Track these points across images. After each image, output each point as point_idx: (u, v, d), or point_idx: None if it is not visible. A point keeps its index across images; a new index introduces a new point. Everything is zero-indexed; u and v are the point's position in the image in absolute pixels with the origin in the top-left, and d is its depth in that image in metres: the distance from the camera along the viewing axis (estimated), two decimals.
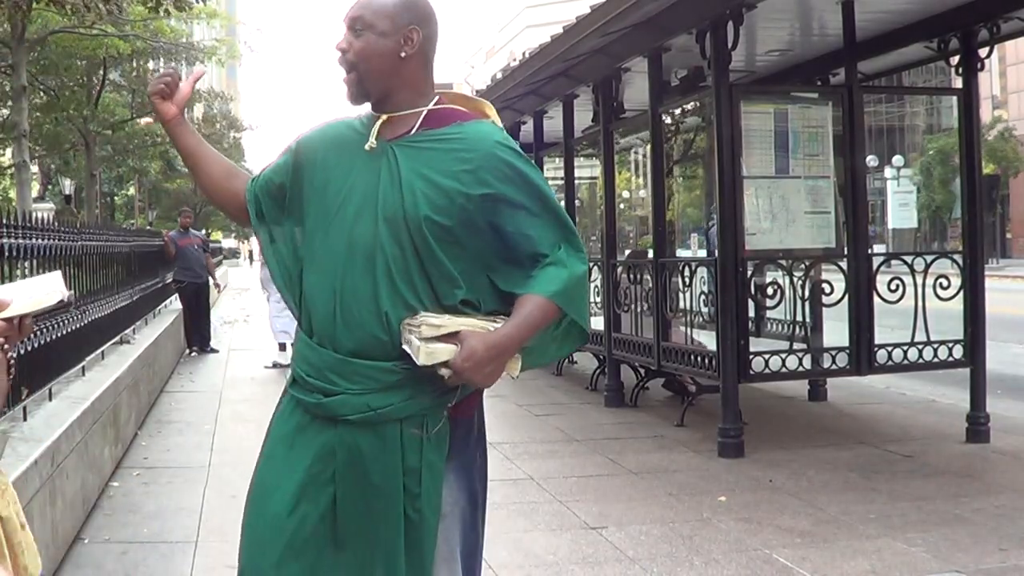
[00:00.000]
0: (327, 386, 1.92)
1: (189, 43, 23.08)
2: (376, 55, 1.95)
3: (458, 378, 1.84)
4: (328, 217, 1.98)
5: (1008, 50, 43.14)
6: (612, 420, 7.13)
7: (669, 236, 7.31)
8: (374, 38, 1.95)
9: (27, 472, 3.39)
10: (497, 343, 1.85)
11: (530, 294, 1.92)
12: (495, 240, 1.95)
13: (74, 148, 24.42)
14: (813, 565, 3.88)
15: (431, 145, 1.96)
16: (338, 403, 1.91)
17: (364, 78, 1.97)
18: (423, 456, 1.93)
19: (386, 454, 1.92)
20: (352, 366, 1.91)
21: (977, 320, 6.25)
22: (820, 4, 6.08)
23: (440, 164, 1.93)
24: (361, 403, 1.90)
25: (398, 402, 1.90)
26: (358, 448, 1.92)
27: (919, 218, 39.74)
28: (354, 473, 1.93)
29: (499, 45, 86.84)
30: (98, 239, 6.57)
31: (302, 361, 2.00)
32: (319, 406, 1.94)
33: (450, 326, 1.84)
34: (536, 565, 3.94)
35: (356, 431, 1.92)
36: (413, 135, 1.98)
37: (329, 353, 1.93)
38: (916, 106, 46.71)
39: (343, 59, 1.97)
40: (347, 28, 1.97)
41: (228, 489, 5.08)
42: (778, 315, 6.89)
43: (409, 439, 1.92)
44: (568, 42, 6.87)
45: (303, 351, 2.01)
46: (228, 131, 42.00)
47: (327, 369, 1.93)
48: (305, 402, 1.97)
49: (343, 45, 1.96)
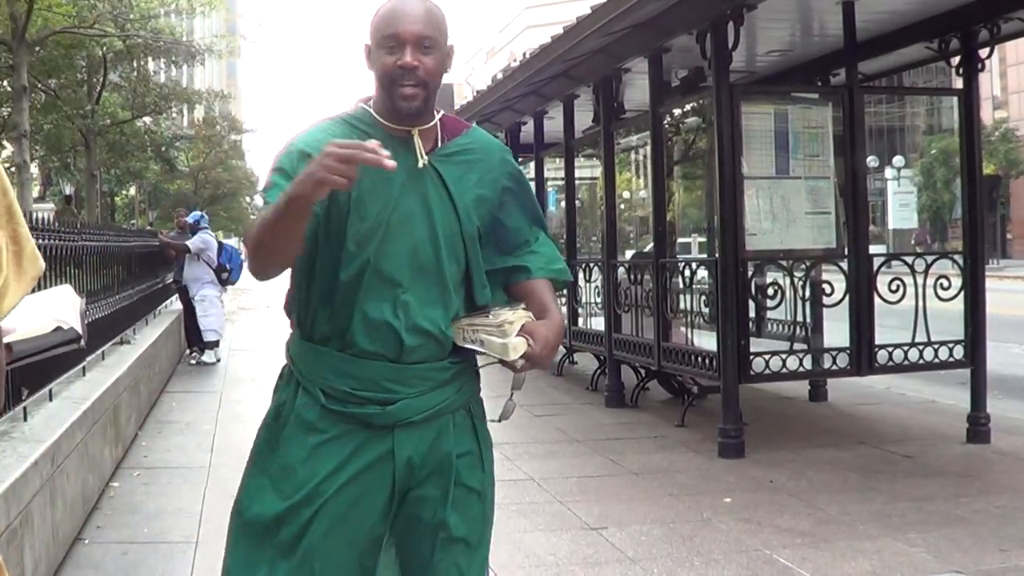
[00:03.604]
0: (384, 395, 1.95)
1: (189, 41, 23.09)
2: (439, 73, 1.97)
3: (531, 365, 1.93)
4: (376, 233, 1.93)
5: (1008, 51, 43.10)
6: (613, 420, 7.13)
7: (670, 236, 7.31)
8: (440, 56, 1.96)
9: (27, 472, 3.39)
10: (559, 327, 1.99)
11: (542, 278, 2.10)
12: (495, 235, 2.09)
13: (74, 149, 24.44)
14: (813, 565, 3.87)
15: (463, 157, 2.04)
16: (401, 408, 1.96)
17: (430, 96, 1.97)
18: (478, 434, 2.08)
19: (443, 445, 2.01)
20: (411, 371, 1.96)
21: (977, 320, 6.25)
22: (820, 5, 6.08)
23: (475, 175, 2.05)
24: (423, 404, 1.97)
25: (452, 395, 2.02)
26: (416, 447, 1.99)
27: (920, 219, 39.75)
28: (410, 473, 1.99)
29: (499, 46, 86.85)
30: (98, 239, 6.57)
31: (340, 376, 1.95)
32: (380, 415, 1.95)
33: (517, 321, 1.94)
34: (536, 565, 3.94)
35: (416, 431, 1.98)
36: (442, 147, 2.03)
37: (384, 364, 1.95)
38: (916, 107, 46.67)
39: (412, 75, 1.92)
40: (412, 45, 1.91)
41: (228, 489, 5.06)
42: (778, 315, 6.89)
43: (460, 427, 2.04)
44: (568, 42, 6.88)
45: (340, 366, 1.96)
46: (228, 133, 42.03)
47: (383, 379, 1.95)
48: (356, 415, 1.96)
49: (414, 63, 1.91)
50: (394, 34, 1.92)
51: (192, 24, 27.34)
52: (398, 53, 1.92)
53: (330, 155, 1.69)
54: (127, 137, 25.08)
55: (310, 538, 1.93)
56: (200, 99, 28.38)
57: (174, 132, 31.52)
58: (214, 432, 6.79)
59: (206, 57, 22.91)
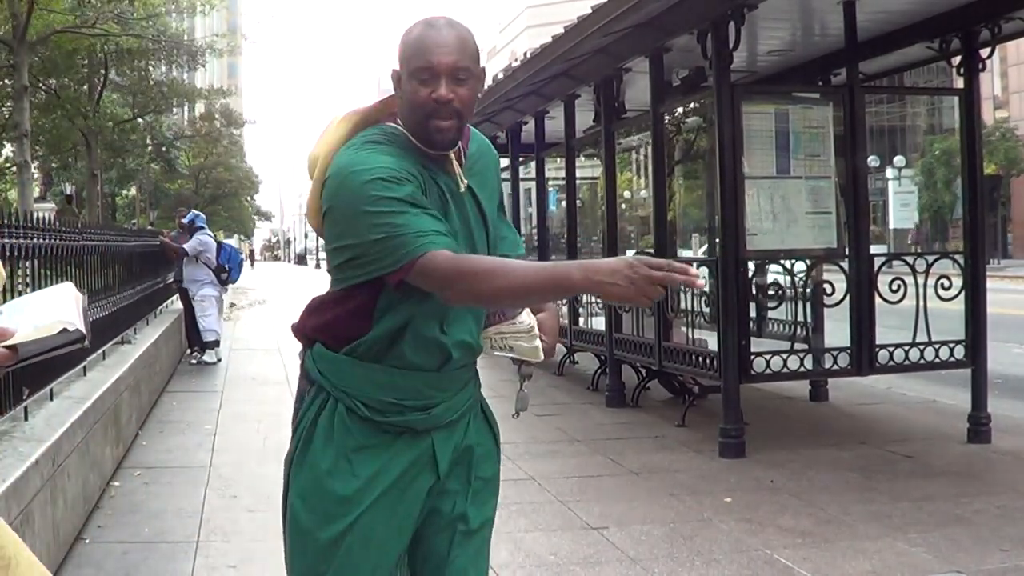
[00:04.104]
0: (427, 402, 2.00)
1: (190, 41, 23.09)
2: (473, 101, 1.94)
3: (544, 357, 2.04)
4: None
5: (1009, 50, 43.09)
6: (613, 420, 7.13)
7: (670, 236, 7.31)
8: (475, 84, 1.93)
9: (28, 472, 3.39)
10: (556, 314, 2.11)
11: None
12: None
13: (75, 148, 24.44)
14: (814, 565, 3.87)
15: (478, 168, 2.07)
16: (442, 410, 2.02)
17: (464, 125, 1.95)
18: (492, 427, 2.17)
19: (467, 439, 2.09)
20: (446, 376, 2.02)
21: (978, 320, 6.25)
22: (821, 4, 6.08)
23: (488, 185, 2.09)
24: (457, 402, 2.05)
25: (473, 391, 2.12)
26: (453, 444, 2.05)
27: (920, 219, 39.76)
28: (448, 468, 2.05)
29: (500, 45, 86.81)
30: (99, 239, 6.56)
31: (383, 388, 1.96)
32: (425, 419, 2.00)
33: (534, 322, 2.04)
34: (537, 565, 3.94)
35: (449, 430, 2.05)
36: (467, 164, 2.04)
37: (424, 373, 2.00)
38: (917, 106, 46.65)
39: (448, 109, 1.88)
40: (446, 76, 1.87)
41: (229, 489, 5.09)
42: (779, 315, 6.89)
43: (477, 421, 2.13)
44: (569, 42, 6.88)
45: (383, 379, 1.96)
46: (227, 127, 42.01)
47: (425, 387, 2.00)
48: (397, 423, 1.98)
49: (449, 96, 1.87)
50: (427, 66, 1.87)
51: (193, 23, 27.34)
52: (432, 85, 1.87)
53: (645, 278, 1.63)
54: (126, 133, 25.09)
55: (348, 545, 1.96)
56: (200, 96, 28.38)
57: (174, 132, 31.55)
58: (215, 432, 6.80)
59: (207, 56, 22.90)
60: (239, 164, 48.83)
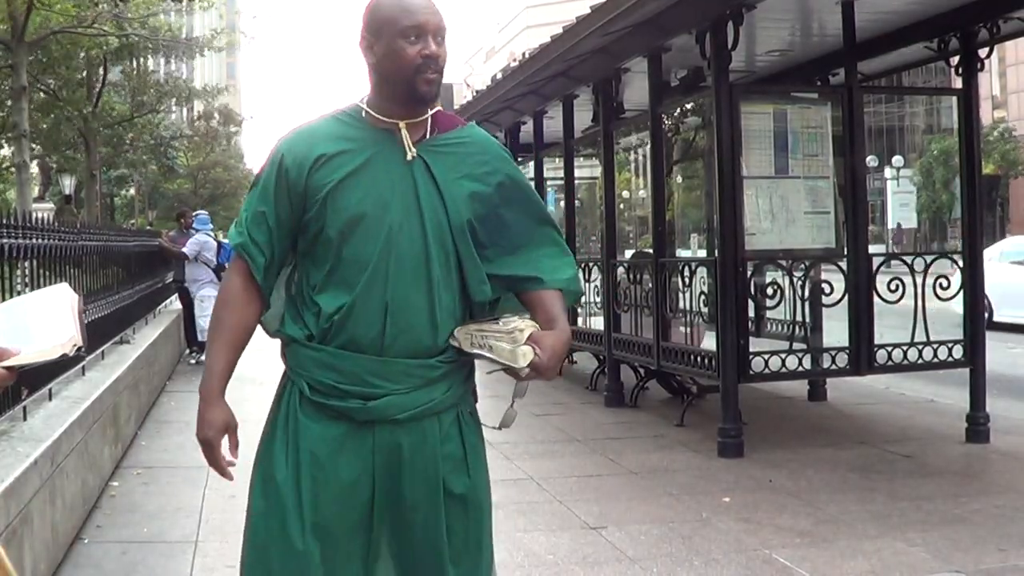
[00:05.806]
0: (368, 390, 1.95)
1: (188, 39, 23.07)
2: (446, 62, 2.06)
3: (537, 374, 1.93)
4: (358, 224, 1.97)
5: (1008, 50, 43.17)
6: (612, 420, 7.13)
7: (669, 236, 7.31)
8: (447, 46, 2.05)
9: (27, 472, 3.39)
10: (566, 338, 2.00)
11: (550, 290, 2.08)
12: (496, 231, 2.09)
13: (74, 148, 24.41)
14: (813, 565, 3.88)
15: (453, 150, 2.06)
16: (385, 405, 1.95)
17: (441, 80, 2.05)
18: (464, 440, 2.04)
19: (427, 447, 1.99)
20: (398, 366, 1.96)
21: (976, 320, 6.25)
22: (820, 4, 6.08)
23: (467, 168, 2.06)
24: (409, 401, 1.96)
25: (440, 395, 2.00)
26: (398, 446, 1.97)
27: (919, 219, 39.78)
28: (391, 473, 1.98)
29: (499, 45, 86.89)
30: (98, 239, 6.56)
31: (324, 369, 1.97)
32: (363, 410, 1.95)
33: (527, 329, 1.95)
34: (536, 565, 3.94)
35: (399, 430, 1.97)
36: (431, 140, 2.05)
37: (368, 358, 1.95)
38: (916, 106, 46.71)
39: (435, 64, 1.99)
40: (432, 36, 1.99)
41: (228, 489, 5.05)
42: (778, 315, 6.89)
43: (448, 429, 2.02)
44: (568, 42, 6.88)
45: (323, 359, 1.97)
46: (225, 125, 41.97)
47: (367, 374, 1.95)
48: (338, 408, 1.96)
49: (438, 52, 2.00)
50: (417, 25, 1.97)
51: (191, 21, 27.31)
52: (421, 43, 1.97)
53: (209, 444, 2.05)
54: (124, 130, 25.05)
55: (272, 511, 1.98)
56: (198, 95, 28.34)
57: (172, 132, 31.53)
58: None
59: (205, 52, 22.87)
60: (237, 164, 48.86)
